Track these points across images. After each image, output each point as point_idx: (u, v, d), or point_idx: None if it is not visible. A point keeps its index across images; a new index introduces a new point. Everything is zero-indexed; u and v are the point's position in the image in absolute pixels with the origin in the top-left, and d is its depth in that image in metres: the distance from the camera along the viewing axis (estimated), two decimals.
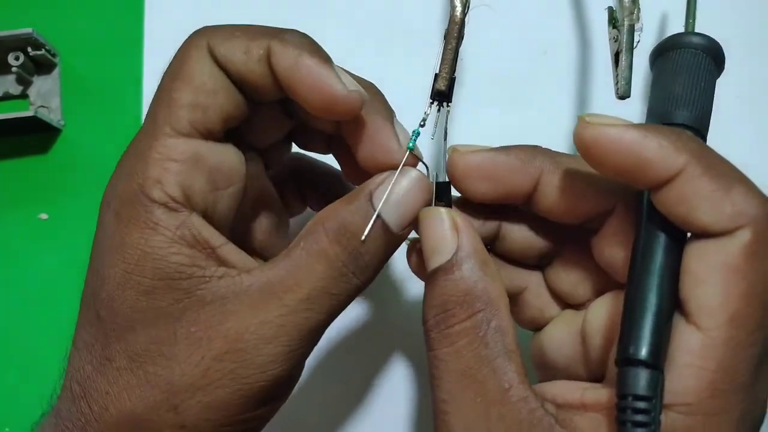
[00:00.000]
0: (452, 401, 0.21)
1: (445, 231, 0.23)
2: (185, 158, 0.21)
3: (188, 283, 0.21)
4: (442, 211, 0.24)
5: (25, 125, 0.36)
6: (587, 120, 0.21)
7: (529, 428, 0.20)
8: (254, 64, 0.22)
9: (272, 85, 0.22)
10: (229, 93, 0.22)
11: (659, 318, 0.19)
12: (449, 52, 0.24)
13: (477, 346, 0.21)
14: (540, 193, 0.24)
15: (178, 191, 0.21)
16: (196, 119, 0.22)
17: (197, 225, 0.22)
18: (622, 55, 0.25)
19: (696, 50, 0.25)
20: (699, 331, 0.19)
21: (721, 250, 0.19)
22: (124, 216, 0.22)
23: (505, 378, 0.21)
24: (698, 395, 0.18)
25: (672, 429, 0.19)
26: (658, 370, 0.19)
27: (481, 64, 0.37)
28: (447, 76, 0.24)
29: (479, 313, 0.22)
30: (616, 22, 0.26)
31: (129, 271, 0.21)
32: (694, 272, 0.19)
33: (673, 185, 0.19)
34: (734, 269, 0.19)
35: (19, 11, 0.39)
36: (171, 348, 0.21)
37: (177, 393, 0.21)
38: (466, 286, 0.22)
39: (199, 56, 0.22)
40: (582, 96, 0.36)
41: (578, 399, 0.21)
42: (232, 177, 0.23)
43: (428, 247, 0.23)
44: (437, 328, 0.22)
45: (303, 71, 0.21)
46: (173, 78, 0.22)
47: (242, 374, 0.21)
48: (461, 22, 0.24)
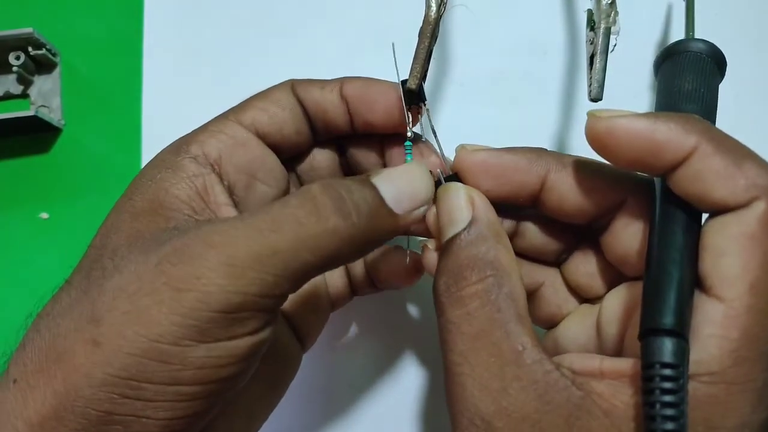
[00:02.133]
0: (466, 363, 0.21)
1: (461, 203, 0.23)
2: (235, 135, 0.25)
3: (175, 213, 0.22)
4: (459, 186, 0.24)
5: (26, 125, 0.36)
6: (597, 114, 0.21)
7: (545, 388, 0.20)
8: (329, 94, 0.26)
9: (342, 111, 0.26)
10: (295, 116, 0.26)
11: (682, 289, 0.19)
12: (421, 52, 0.24)
13: (489, 309, 0.21)
14: (547, 192, 0.24)
15: (214, 153, 0.24)
16: (260, 120, 0.25)
17: (213, 181, 0.23)
18: (597, 57, 0.25)
19: (700, 54, 0.26)
20: (721, 303, 0.19)
21: (738, 222, 0.19)
22: (157, 160, 0.24)
23: (519, 341, 0.21)
24: (721, 364, 0.19)
25: (695, 399, 0.19)
26: (684, 339, 0.19)
27: (481, 64, 0.37)
28: (418, 76, 0.24)
29: (490, 277, 0.22)
30: (594, 24, 0.26)
31: (131, 197, 0.22)
32: (713, 246, 0.20)
33: (687, 165, 0.20)
34: (751, 239, 0.19)
35: (19, 11, 0.39)
36: (121, 261, 0.20)
37: (105, 300, 0.19)
38: (478, 251, 0.22)
39: (281, 87, 0.26)
40: (582, 96, 0.36)
41: (596, 367, 0.21)
42: (271, 178, 0.26)
43: (444, 220, 0.24)
44: (448, 292, 0.22)
45: (372, 89, 0.26)
46: (254, 96, 0.26)
47: (177, 277, 0.19)
48: (435, 21, 0.24)
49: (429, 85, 0.37)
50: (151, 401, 0.19)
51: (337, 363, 0.35)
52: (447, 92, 0.37)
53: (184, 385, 0.19)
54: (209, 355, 0.19)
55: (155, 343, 0.19)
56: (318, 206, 0.21)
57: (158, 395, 0.19)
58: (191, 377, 0.19)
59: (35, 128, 0.37)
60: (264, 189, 0.26)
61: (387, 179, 0.23)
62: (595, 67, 0.25)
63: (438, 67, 0.37)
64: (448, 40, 0.37)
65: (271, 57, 0.38)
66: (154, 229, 0.21)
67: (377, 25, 0.38)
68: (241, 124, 0.25)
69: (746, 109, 0.36)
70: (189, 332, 0.19)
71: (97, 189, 0.37)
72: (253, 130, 0.25)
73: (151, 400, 0.19)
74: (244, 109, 0.25)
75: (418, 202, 0.23)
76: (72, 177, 0.38)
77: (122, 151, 0.38)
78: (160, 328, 0.19)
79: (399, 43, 0.25)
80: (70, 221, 0.37)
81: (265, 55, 0.38)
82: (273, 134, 0.25)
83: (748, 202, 0.19)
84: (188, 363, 0.19)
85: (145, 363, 0.19)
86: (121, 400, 0.19)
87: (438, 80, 0.37)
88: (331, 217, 0.20)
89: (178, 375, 0.19)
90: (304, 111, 0.26)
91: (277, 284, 0.20)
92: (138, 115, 0.38)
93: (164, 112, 0.38)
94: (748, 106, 0.36)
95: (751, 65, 0.36)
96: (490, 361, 0.21)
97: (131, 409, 0.19)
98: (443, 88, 0.37)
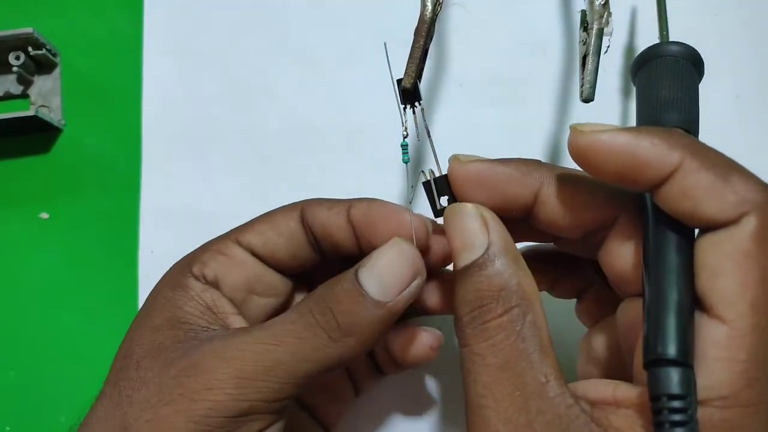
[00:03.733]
0: (490, 395, 0.21)
1: (475, 227, 0.23)
2: (233, 255, 0.27)
3: (191, 327, 0.25)
4: (469, 207, 0.23)
5: (26, 125, 0.36)
6: (579, 129, 0.21)
7: (568, 424, 0.20)
8: (335, 217, 0.26)
9: (350, 235, 0.26)
10: (292, 242, 0.27)
11: (682, 315, 0.19)
12: (417, 51, 0.24)
13: (514, 340, 0.21)
14: (540, 205, 0.24)
15: (212, 273, 0.26)
16: (256, 243, 0.27)
17: (217, 295, 0.26)
18: (589, 58, 0.25)
19: (676, 57, 0.26)
20: (723, 324, 0.19)
21: (730, 240, 0.19)
22: (166, 280, 0.27)
23: (542, 372, 0.21)
24: (732, 387, 0.18)
25: (711, 424, 0.18)
26: (689, 367, 0.19)
27: (480, 65, 0.37)
28: (413, 75, 0.24)
29: (515, 308, 0.22)
30: (587, 25, 0.26)
31: (150, 314, 0.25)
32: (708, 265, 0.19)
33: (672, 182, 0.20)
34: (746, 256, 0.19)
35: (19, 11, 0.39)
36: (146, 372, 0.23)
37: (133, 411, 0.22)
38: (501, 281, 0.22)
39: (287, 210, 0.27)
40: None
41: (611, 396, 0.21)
42: (270, 292, 0.28)
43: (457, 244, 0.23)
44: (473, 324, 0.22)
45: (374, 211, 0.26)
46: (260, 216, 0.28)
47: (192, 388, 0.22)
48: (430, 21, 0.24)
49: (428, 85, 0.37)
50: None
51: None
52: (446, 93, 0.37)
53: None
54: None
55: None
56: (312, 322, 0.23)
57: None
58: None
59: (35, 128, 0.37)
60: (262, 301, 0.28)
61: (369, 272, 0.24)
62: (587, 68, 0.24)
63: (437, 67, 0.37)
64: (447, 41, 0.37)
65: (270, 57, 0.38)
66: (173, 341, 0.24)
67: (377, 25, 0.38)
68: (240, 245, 0.27)
69: (747, 109, 0.36)
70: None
71: (98, 189, 0.37)
72: (249, 250, 0.27)
73: None
74: (245, 230, 0.27)
75: (404, 285, 0.24)
76: (72, 177, 0.38)
77: (122, 151, 0.38)
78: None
79: (399, 43, 0.25)
80: (70, 221, 0.37)
81: (265, 54, 0.38)
82: (269, 256, 0.27)
83: (738, 217, 0.19)
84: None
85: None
86: None
87: (437, 81, 0.37)
88: (324, 331, 0.23)
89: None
90: (311, 233, 0.27)
91: (281, 390, 0.23)
92: (138, 115, 0.38)
93: (164, 112, 0.38)
94: (748, 106, 0.36)
95: (751, 66, 0.36)
96: (515, 394, 0.21)
97: None
98: (442, 89, 0.37)
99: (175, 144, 0.37)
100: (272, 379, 0.22)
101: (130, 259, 0.36)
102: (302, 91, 0.38)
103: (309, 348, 0.23)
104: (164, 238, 0.36)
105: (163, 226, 0.36)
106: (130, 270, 0.36)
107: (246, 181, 0.37)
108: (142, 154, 0.37)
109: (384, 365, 0.31)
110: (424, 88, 0.37)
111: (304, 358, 0.23)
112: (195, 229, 0.28)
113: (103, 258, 0.36)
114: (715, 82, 0.28)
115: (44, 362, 0.35)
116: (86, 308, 0.36)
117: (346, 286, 0.24)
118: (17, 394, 0.35)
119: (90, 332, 0.35)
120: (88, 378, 0.26)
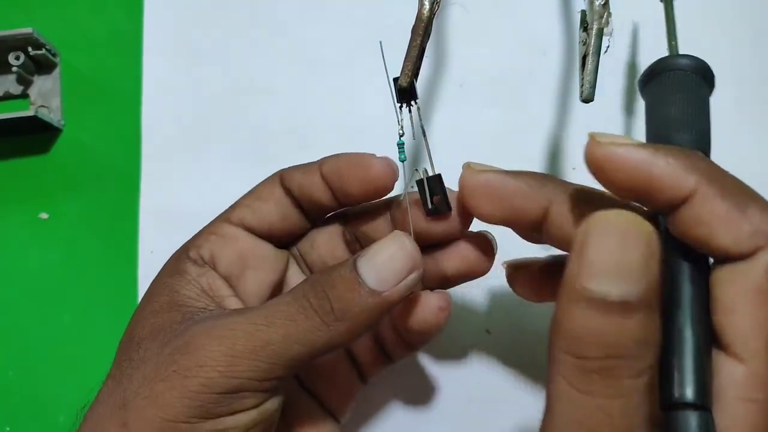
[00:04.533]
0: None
1: (638, 256, 0.17)
2: (224, 234, 0.27)
3: (188, 309, 0.25)
4: (635, 222, 0.18)
5: (26, 125, 0.36)
6: (597, 139, 0.20)
7: None
8: (310, 176, 0.27)
9: (325, 191, 0.27)
10: (279, 205, 0.28)
11: (699, 354, 0.19)
12: (413, 49, 0.24)
13: (642, 405, 0.18)
14: (550, 223, 0.24)
15: (207, 253, 0.27)
16: (246, 215, 0.28)
17: (213, 277, 0.27)
18: (589, 58, 0.24)
19: (685, 71, 0.25)
20: (740, 363, 0.18)
21: (744, 275, 0.19)
22: (166, 268, 0.27)
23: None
24: (754, 428, 0.18)
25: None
26: (707, 410, 0.18)
27: (480, 65, 0.37)
28: (410, 73, 0.24)
29: (645, 375, 0.18)
30: (587, 25, 0.26)
31: (150, 299, 0.26)
32: (723, 301, 0.19)
33: (687, 207, 0.19)
34: (760, 293, 0.18)
35: (19, 11, 0.39)
36: (145, 352, 0.24)
37: (132, 388, 0.23)
38: (644, 336, 0.18)
39: (268, 181, 0.29)
40: None
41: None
42: (265, 265, 0.28)
43: (602, 263, 0.18)
44: (603, 373, 0.18)
45: (342, 162, 0.27)
46: (244, 195, 0.29)
47: (185, 366, 0.22)
48: (428, 19, 0.24)
49: (428, 85, 0.37)
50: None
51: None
52: (446, 93, 0.37)
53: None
54: (216, 428, 0.22)
55: (170, 422, 0.22)
56: (305, 305, 0.23)
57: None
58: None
59: (35, 128, 0.37)
60: (258, 275, 0.28)
61: (368, 261, 0.24)
62: (587, 68, 0.24)
63: (437, 68, 0.37)
64: (446, 41, 0.37)
65: (270, 57, 0.38)
66: (171, 322, 0.25)
67: (377, 25, 0.38)
68: (230, 222, 0.28)
69: (747, 109, 0.36)
70: (196, 411, 0.22)
71: (97, 189, 0.37)
72: (240, 225, 0.28)
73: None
74: (234, 208, 0.28)
75: (401, 277, 0.24)
76: (72, 177, 0.38)
77: (122, 151, 0.38)
78: (174, 410, 0.22)
79: (399, 43, 0.25)
80: (70, 221, 0.37)
81: (264, 54, 0.38)
82: (259, 225, 0.28)
83: (753, 251, 0.18)
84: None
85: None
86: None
87: (437, 81, 0.37)
88: (317, 315, 0.23)
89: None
90: (292, 198, 0.28)
91: (271, 370, 0.23)
92: (138, 115, 0.38)
93: (164, 111, 0.38)
94: (748, 106, 0.36)
95: (750, 69, 0.36)
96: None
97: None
98: (442, 89, 0.37)
99: (175, 144, 0.37)
100: (262, 358, 0.23)
101: (129, 259, 0.36)
102: (302, 91, 0.38)
103: (300, 330, 0.23)
104: (164, 238, 0.36)
105: (162, 226, 0.36)
106: (129, 270, 0.36)
107: (246, 181, 0.37)
108: (142, 154, 0.37)
109: (391, 348, 0.30)
110: (424, 89, 0.37)
111: (295, 341, 0.23)
112: (195, 229, 0.28)
113: (103, 258, 0.36)
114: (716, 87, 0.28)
115: (43, 362, 0.35)
116: (86, 308, 0.36)
117: (344, 273, 0.24)
118: (16, 394, 0.35)
119: (89, 332, 0.35)
120: (88, 378, 0.26)
